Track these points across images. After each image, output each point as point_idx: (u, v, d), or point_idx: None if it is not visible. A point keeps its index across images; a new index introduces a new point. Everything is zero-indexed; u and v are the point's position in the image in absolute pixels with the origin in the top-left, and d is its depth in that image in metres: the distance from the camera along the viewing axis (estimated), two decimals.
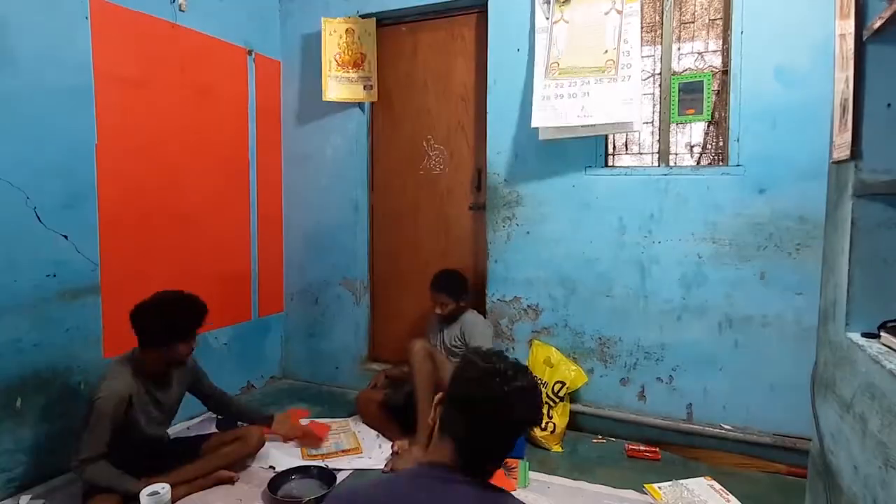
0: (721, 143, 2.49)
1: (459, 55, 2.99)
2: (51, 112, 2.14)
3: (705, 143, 2.58)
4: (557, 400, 2.50)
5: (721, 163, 2.48)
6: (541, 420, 1.19)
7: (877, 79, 1.23)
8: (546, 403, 2.50)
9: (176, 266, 2.70)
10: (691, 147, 2.61)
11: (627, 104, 2.40)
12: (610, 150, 2.70)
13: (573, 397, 2.62)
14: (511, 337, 2.82)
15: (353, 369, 3.25)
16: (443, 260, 3.09)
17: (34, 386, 2.10)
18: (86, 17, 2.24)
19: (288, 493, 2.07)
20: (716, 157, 2.53)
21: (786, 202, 2.29)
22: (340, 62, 3.13)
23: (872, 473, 1.04)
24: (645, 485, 2.08)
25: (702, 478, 2.14)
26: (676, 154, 2.61)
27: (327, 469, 2.20)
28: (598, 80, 2.47)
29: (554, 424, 2.48)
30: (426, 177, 3.12)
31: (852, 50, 1.26)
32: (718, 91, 2.47)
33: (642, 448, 2.46)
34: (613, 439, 2.59)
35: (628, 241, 2.56)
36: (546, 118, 2.55)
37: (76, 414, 2.05)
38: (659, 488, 2.05)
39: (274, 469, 2.21)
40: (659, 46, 2.56)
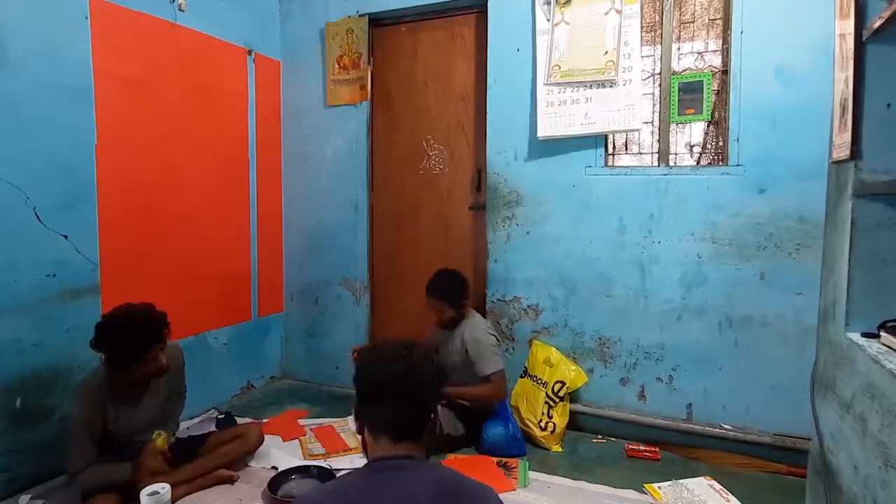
0: (721, 143, 2.49)
1: (459, 55, 2.99)
2: (51, 112, 2.14)
3: (705, 143, 2.58)
4: (557, 400, 2.50)
5: (721, 163, 2.48)
6: (445, 375, 1.29)
7: (876, 79, 1.23)
8: (546, 403, 2.51)
9: (176, 266, 2.70)
10: (691, 147, 2.61)
11: (629, 109, 2.46)
12: (610, 150, 2.70)
13: (573, 397, 2.62)
14: (511, 337, 2.82)
15: (353, 368, 3.24)
16: (443, 260, 3.08)
17: (34, 386, 2.11)
18: (86, 17, 2.25)
19: (288, 493, 2.06)
20: (716, 157, 2.53)
21: (786, 202, 2.29)
22: (342, 65, 3.14)
23: (872, 473, 1.04)
24: (645, 485, 2.08)
25: (702, 478, 2.14)
26: (676, 154, 2.61)
27: (327, 469, 2.20)
28: (601, 85, 2.50)
29: (554, 424, 2.48)
30: (426, 177, 3.12)
31: (852, 50, 1.26)
32: (718, 91, 2.47)
33: (642, 448, 2.46)
34: (613, 439, 2.59)
35: (628, 241, 2.56)
36: (552, 126, 2.61)
37: None
38: (659, 488, 2.05)
39: (276, 469, 2.21)
40: (659, 46, 2.56)
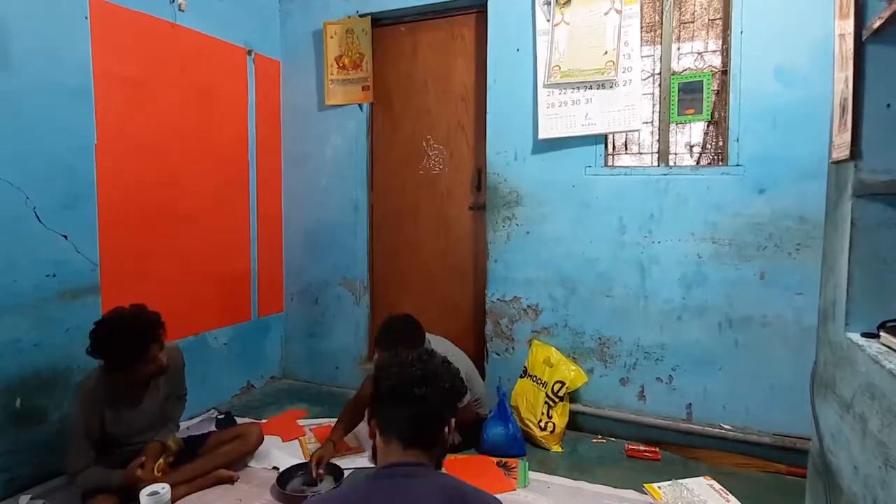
0: (721, 143, 2.49)
1: (459, 55, 2.99)
2: (51, 112, 2.14)
3: (705, 143, 2.58)
4: (557, 400, 2.50)
5: (721, 163, 2.48)
6: (464, 386, 1.27)
7: (876, 79, 1.23)
8: (546, 403, 2.51)
9: (176, 266, 2.70)
10: (691, 147, 2.61)
11: (629, 109, 2.47)
12: (610, 150, 2.70)
13: (573, 397, 2.62)
14: (511, 337, 2.82)
15: (353, 369, 3.25)
16: (443, 260, 3.09)
17: (34, 386, 2.11)
18: (86, 17, 2.25)
19: (296, 489, 2.08)
20: (715, 157, 2.53)
21: (786, 202, 2.29)
22: (341, 65, 3.14)
23: (872, 473, 1.04)
24: (645, 485, 2.08)
25: (701, 478, 2.14)
26: (676, 154, 2.61)
27: (335, 465, 2.20)
28: (601, 86, 2.51)
29: (554, 424, 2.48)
30: (426, 177, 3.12)
31: (852, 50, 1.26)
32: (718, 91, 2.47)
33: (642, 448, 2.46)
34: (613, 439, 2.59)
35: (628, 241, 2.56)
36: (553, 127, 2.62)
37: None
38: (659, 488, 2.05)
39: (276, 469, 2.21)
40: (659, 46, 2.56)
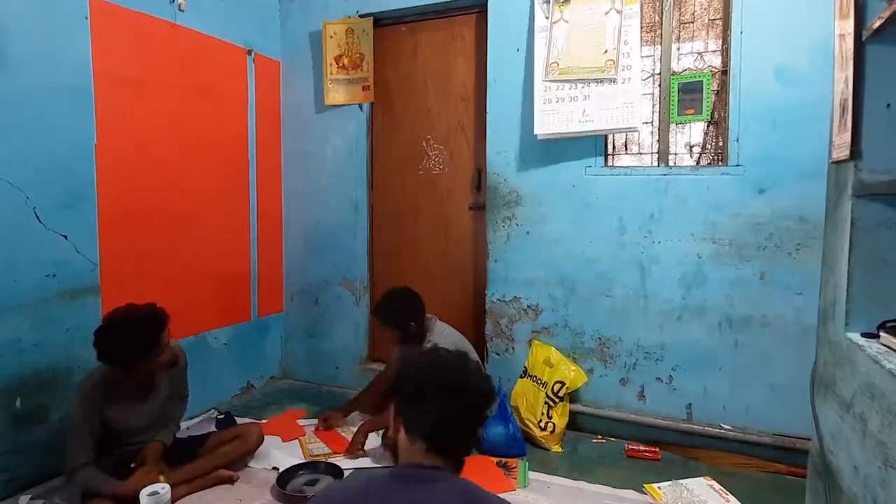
0: (721, 143, 2.49)
1: (459, 55, 2.99)
2: (51, 112, 2.14)
3: (705, 143, 2.58)
4: (557, 400, 2.50)
5: (721, 163, 2.48)
6: (493, 395, 1.23)
7: (876, 79, 1.23)
8: (546, 403, 2.51)
9: (176, 266, 2.70)
10: (691, 147, 2.61)
11: (628, 107, 2.44)
12: (610, 150, 2.70)
13: (573, 397, 2.62)
14: (511, 337, 2.82)
15: (353, 369, 3.25)
16: (443, 260, 3.09)
17: (34, 386, 2.11)
18: (86, 17, 2.25)
19: (297, 489, 2.08)
20: (715, 157, 2.53)
21: (786, 202, 2.29)
22: (341, 65, 3.14)
23: (872, 473, 1.04)
24: (645, 485, 2.08)
25: (701, 478, 2.14)
26: (676, 154, 2.61)
27: (336, 465, 2.20)
28: (599, 83, 2.49)
29: (554, 424, 2.48)
30: (426, 177, 3.12)
31: (852, 50, 1.26)
32: (718, 91, 2.47)
33: (642, 448, 2.46)
34: (613, 439, 2.59)
35: (628, 241, 2.56)
36: (549, 123, 2.59)
37: None
38: (659, 488, 2.05)
39: (276, 469, 2.21)
40: (658, 46, 2.56)
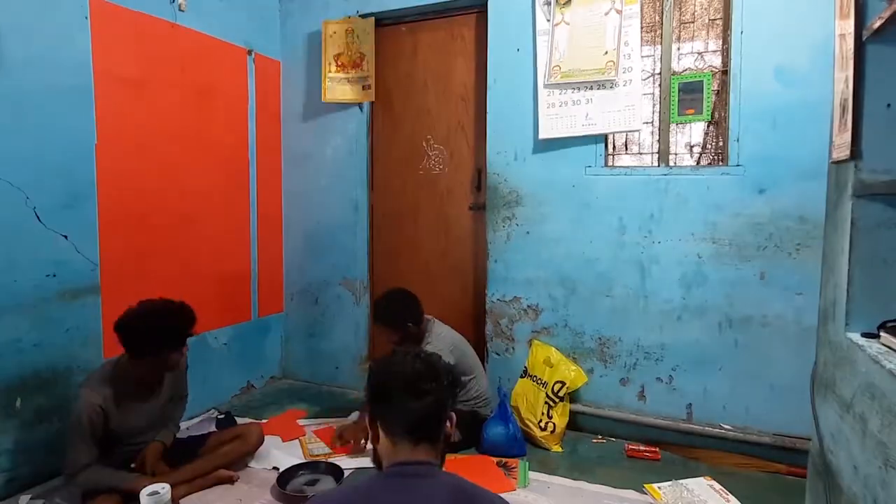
0: (721, 143, 2.49)
1: (459, 55, 2.99)
2: (51, 112, 2.14)
3: (705, 143, 2.58)
4: (557, 400, 2.50)
5: (721, 163, 2.48)
6: (460, 380, 1.28)
7: (876, 79, 1.23)
8: (546, 403, 2.51)
9: (176, 266, 2.70)
10: (691, 147, 2.61)
11: (629, 109, 2.47)
12: (610, 150, 2.70)
13: (573, 397, 2.62)
14: (511, 337, 2.82)
15: (353, 369, 3.25)
16: (443, 260, 3.09)
17: (34, 386, 2.11)
18: (86, 17, 2.25)
19: (297, 489, 2.08)
20: (716, 157, 2.53)
21: (786, 202, 2.29)
22: (340, 63, 3.14)
23: (872, 473, 1.04)
24: (645, 485, 2.08)
25: (702, 478, 2.14)
26: (676, 154, 2.61)
27: (336, 465, 2.20)
28: (601, 86, 2.51)
29: (554, 424, 2.48)
30: (426, 177, 3.12)
31: (852, 50, 1.26)
32: (718, 91, 2.47)
33: (642, 448, 2.46)
34: (613, 439, 2.59)
35: (628, 241, 2.56)
36: (553, 128, 2.62)
37: None
38: (659, 488, 2.05)
39: (277, 469, 2.21)
40: (659, 46, 2.56)
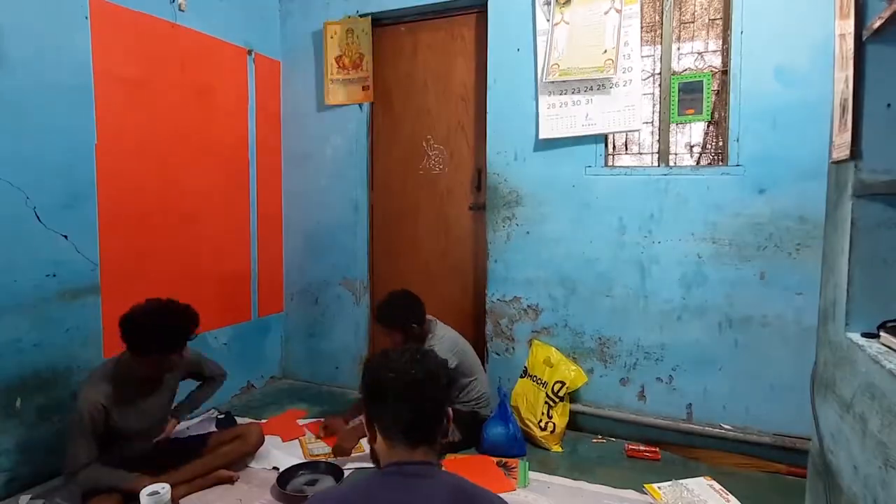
0: (721, 143, 2.49)
1: (459, 55, 2.99)
2: (51, 112, 2.14)
3: (705, 143, 2.58)
4: (557, 400, 2.50)
5: (721, 163, 2.47)
6: (455, 379, 1.26)
7: (876, 79, 1.23)
8: (546, 403, 2.51)
9: (176, 266, 2.70)
10: (691, 147, 2.61)
11: (629, 109, 2.48)
12: (610, 150, 2.70)
13: (573, 397, 2.62)
14: (511, 337, 2.82)
15: (353, 369, 3.24)
16: (443, 260, 3.09)
17: (34, 386, 2.11)
18: (86, 17, 2.25)
19: (297, 489, 2.08)
20: (716, 157, 2.53)
21: (786, 202, 2.29)
22: (341, 65, 3.14)
23: (872, 473, 1.04)
24: (645, 485, 2.08)
25: (702, 478, 2.14)
26: (676, 154, 2.61)
27: (336, 465, 2.20)
28: (601, 86, 2.52)
29: (554, 424, 2.48)
30: (426, 177, 3.12)
31: (852, 50, 1.26)
32: (718, 91, 2.47)
33: (642, 448, 2.46)
34: (613, 439, 2.59)
35: (628, 241, 2.56)
36: (553, 128, 2.63)
37: None
38: (659, 488, 2.05)
39: (277, 469, 2.21)
40: (659, 46, 2.56)
